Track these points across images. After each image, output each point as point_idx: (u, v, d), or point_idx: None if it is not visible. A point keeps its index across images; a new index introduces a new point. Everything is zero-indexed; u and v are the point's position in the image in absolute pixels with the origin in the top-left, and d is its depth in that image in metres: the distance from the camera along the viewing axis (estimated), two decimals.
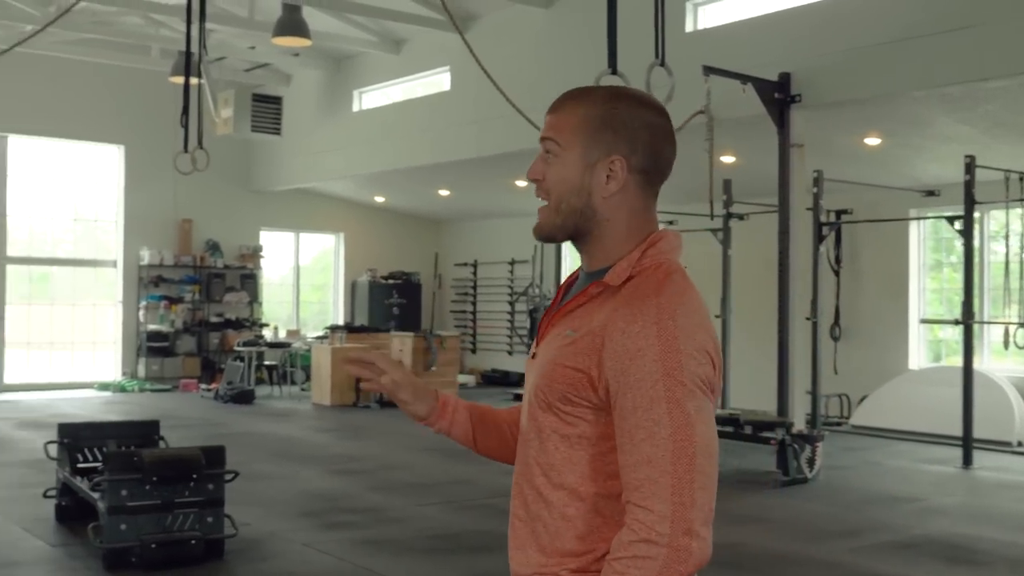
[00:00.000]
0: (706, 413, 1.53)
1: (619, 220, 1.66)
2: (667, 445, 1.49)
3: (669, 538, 1.46)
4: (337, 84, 15.28)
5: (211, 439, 10.37)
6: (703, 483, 1.50)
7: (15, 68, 14.21)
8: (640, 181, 1.66)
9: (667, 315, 1.54)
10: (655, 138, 1.65)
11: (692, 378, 1.52)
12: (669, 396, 1.51)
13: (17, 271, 15.29)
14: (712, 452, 1.52)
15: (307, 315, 18.16)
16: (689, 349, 1.53)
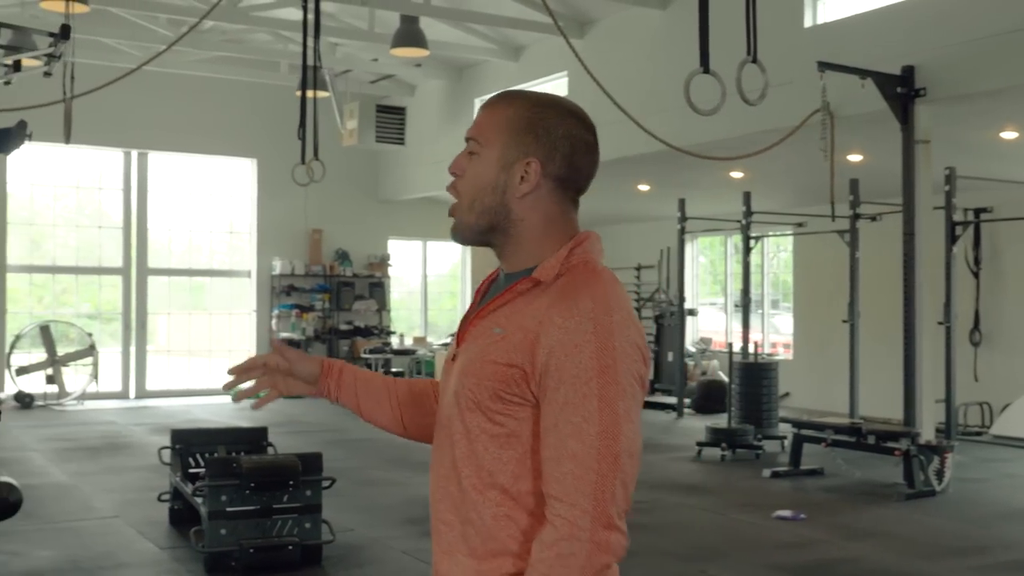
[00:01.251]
0: (634, 413, 1.58)
1: (533, 222, 1.69)
2: (593, 443, 1.53)
3: (590, 532, 1.52)
4: (459, 93, 15.40)
5: (329, 445, 10.58)
6: (624, 481, 1.55)
7: (154, 88, 14.85)
8: (554, 187, 1.70)
9: (602, 311, 1.57)
10: (575, 150, 1.70)
11: (626, 375, 1.56)
12: (601, 394, 1.54)
13: (157, 282, 15.93)
14: (635, 452, 1.57)
15: (439, 322, 18.33)
16: (623, 346, 1.57)
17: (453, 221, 1.76)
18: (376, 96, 16.15)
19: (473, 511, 1.63)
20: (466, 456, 1.64)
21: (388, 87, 16.23)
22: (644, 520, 7.32)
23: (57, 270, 15.37)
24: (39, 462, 9.50)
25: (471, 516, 1.64)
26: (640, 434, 1.59)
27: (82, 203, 15.69)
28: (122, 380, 15.36)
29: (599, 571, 1.53)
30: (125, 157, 15.51)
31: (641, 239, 16.96)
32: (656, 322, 15.93)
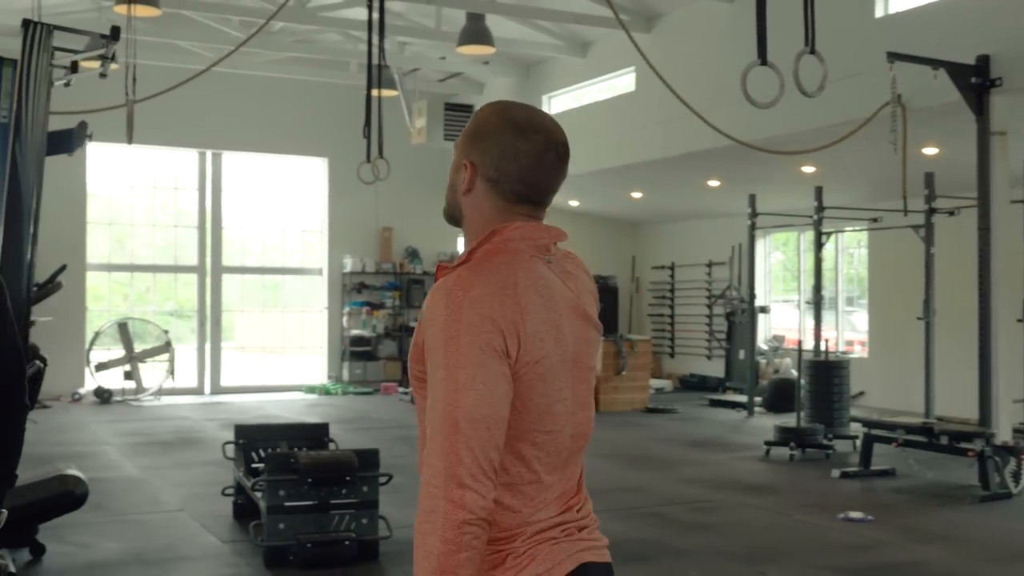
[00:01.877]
0: (480, 380, 1.69)
1: (473, 219, 1.88)
2: (440, 408, 1.69)
3: (444, 490, 1.66)
4: (527, 90, 15.37)
5: (395, 441, 10.65)
6: (468, 444, 1.67)
7: (228, 89, 15.11)
8: (488, 187, 1.86)
9: (459, 287, 1.72)
10: (503, 152, 1.84)
11: (470, 346, 1.68)
12: (446, 363, 1.69)
13: (231, 280, 16.21)
14: (480, 417, 1.68)
15: None
16: (471, 317, 1.69)
17: None
18: (445, 94, 16.21)
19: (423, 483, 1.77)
20: (420, 434, 1.86)
21: (456, 85, 16.28)
22: (705, 519, 7.23)
23: (135, 268, 15.73)
24: (113, 456, 9.72)
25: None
26: (492, 403, 1.68)
27: (159, 203, 16.03)
28: (197, 376, 15.66)
29: (458, 526, 1.66)
30: (200, 157, 15.81)
31: (713, 235, 16.76)
32: (727, 319, 15.74)
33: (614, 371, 13.95)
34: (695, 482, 8.63)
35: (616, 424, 12.51)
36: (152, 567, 5.87)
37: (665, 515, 7.36)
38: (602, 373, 13.92)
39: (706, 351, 17.05)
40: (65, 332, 14.33)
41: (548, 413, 1.79)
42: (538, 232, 1.86)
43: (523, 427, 1.76)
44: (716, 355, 16.69)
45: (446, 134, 15.10)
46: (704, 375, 16.74)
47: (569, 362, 1.82)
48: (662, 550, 6.39)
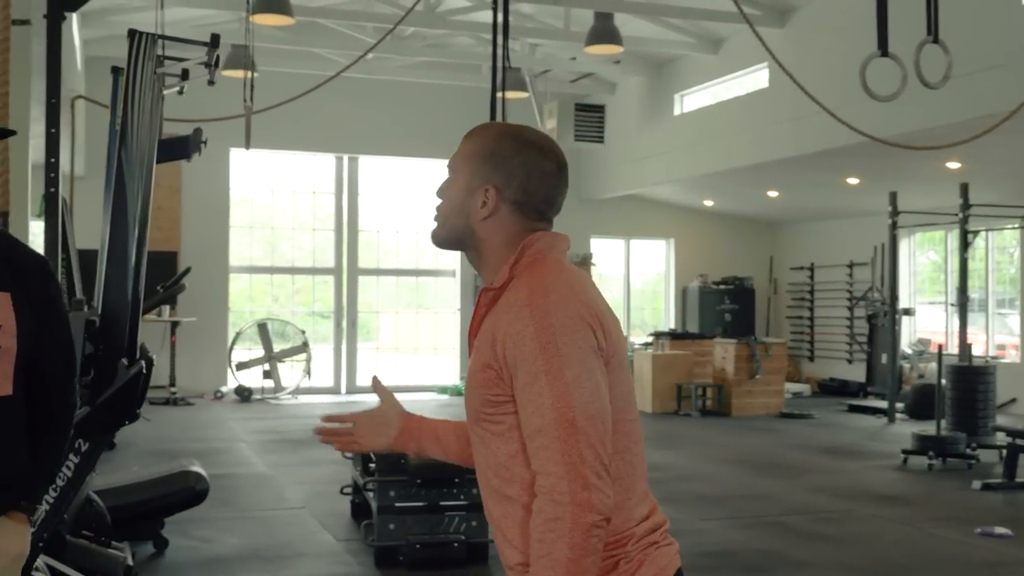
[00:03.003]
0: (585, 378, 1.70)
1: (496, 242, 1.88)
2: (550, 414, 1.68)
3: (570, 495, 1.65)
4: (658, 89, 15.17)
5: None
6: (589, 442, 1.67)
7: (363, 95, 15.42)
8: (512, 210, 1.88)
9: (538, 294, 1.75)
10: (529, 176, 1.87)
11: (569, 346, 1.70)
12: (547, 368, 1.69)
13: (367, 281, 16.53)
14: (594, 413, 1.69)
15: (641, 321, 18.14)
16: (562, 319, 1.72)
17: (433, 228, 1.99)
18: (577, 95, 16.14)
19: (508, 505, 1.81)
20: (486, 458, 1.85)
21: (588, 85, 16.19)
22: (830, 531, 6.95)
23: (275, 271, 16.21)
24: (246, 453, 10.02)
25: (507, 510, 1.82)
26: (600, 397, 1.70)
27: (299, 206, 16.48)
28: (334, 376, 16.03)
29: (587, 530, 1.65)
30: (337, 162, 16.18)
31: (854, 235, 16.20)
32: (868, 322, 15.17)
33: (747, 375, 13.62)
34: (824, 491, 8.32)
35: (747, 429, 12.20)
36: (268, 563, 6.00)
37: (789, 525, 7.10)
38: (734, 376, 13.62)
39: (847, 355, 16.48)
40: (209, 332, 14.89)
41: (628, 401, 1.82)
42: (559, 239, 1.91)
43: (615, 417, 1.76)
44: (857, 359, 16.12)
45: (576, 135, 15.02)
46: (844, 379, 16.18)
47: (624, 355, 1.86)
48: (781, 562, 6.17)
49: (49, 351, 2.50)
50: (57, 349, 2.52)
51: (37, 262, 2.55)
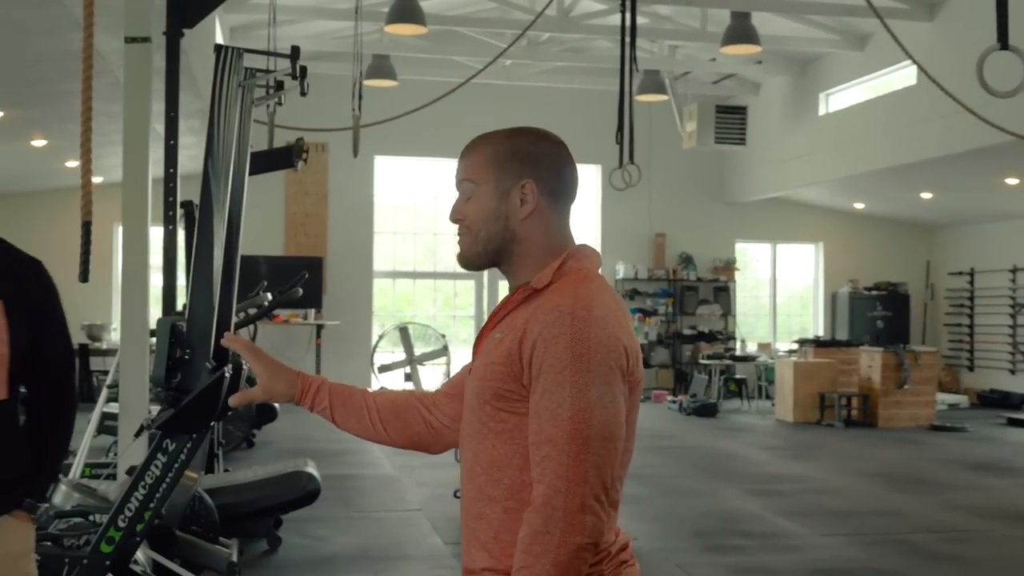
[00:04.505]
0: (609, 400, 1.67)
1: (536, 239, 1.84)
2: (566, 427, 1.64)
3: (564, 511, 1.61)
4: (803, 88, 14.73)
5: (649, 451, 10.51)
6: (597, 464, 1.64)
7: (501, 101, 15.53)
8: (550, 202, 1.85)
9: (582, 306, 1.70)
10: (556, 163, 1.86)
11: (600, 364, 1.66)
12: (575, 380, 1.65)
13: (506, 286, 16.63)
14: (609, 436, 1.66)
15: (787, 328, 17.64)
16: (600, 337, 1.68)
17: (459, 251, 1.95)
18: (720, 97, 15.84)
19: (487, 506, 1.77)
20: (477, 455, 1.80)
21: (731, 87, 15.87)
22: (959, 551, 6.58)
23: (417, 275, 16.51)
24: (376, 454, 10.22)
25: (484, 511, 1.77)
26: (619, 422, 1.68)
27: (441, 212, 16.72)
28: None
29: (574, 551, 1.61)
30: None
31: (1019, 238, 15.32)
32: None
33: (895, 384, 13.05)
34: (962, 509, 7.88)
35: (891, 441, 11.70)
36: (373, 564, 6.11)
37: (915, 544, 6.76)
38: (881, 386, 13.08)
39: (1009, 365, 15.59)
40: (353, 336, 15.30)
41: (633, 432, 1.81)
42: (597, 256, 1.89)
43: (625, 445, 1.76)
44: (1020, 370, 15.24)
45: (717, 137, 14.73)
46: (1006, 391, 15.31)
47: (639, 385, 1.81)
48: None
49: (46, 353, 2.57)
50: (54, 351, 2.60)
51: (31, 266, 2.61)
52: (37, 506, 2.56)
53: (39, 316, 2.55)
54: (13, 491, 2.50)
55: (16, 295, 2.49)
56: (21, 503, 2.52)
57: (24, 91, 8.57)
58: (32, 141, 11.01)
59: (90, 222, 3.57)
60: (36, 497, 2.56)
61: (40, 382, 2.60)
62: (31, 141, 10.98)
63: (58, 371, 2.62)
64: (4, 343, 2.43)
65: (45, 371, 2.59)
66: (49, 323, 2.58)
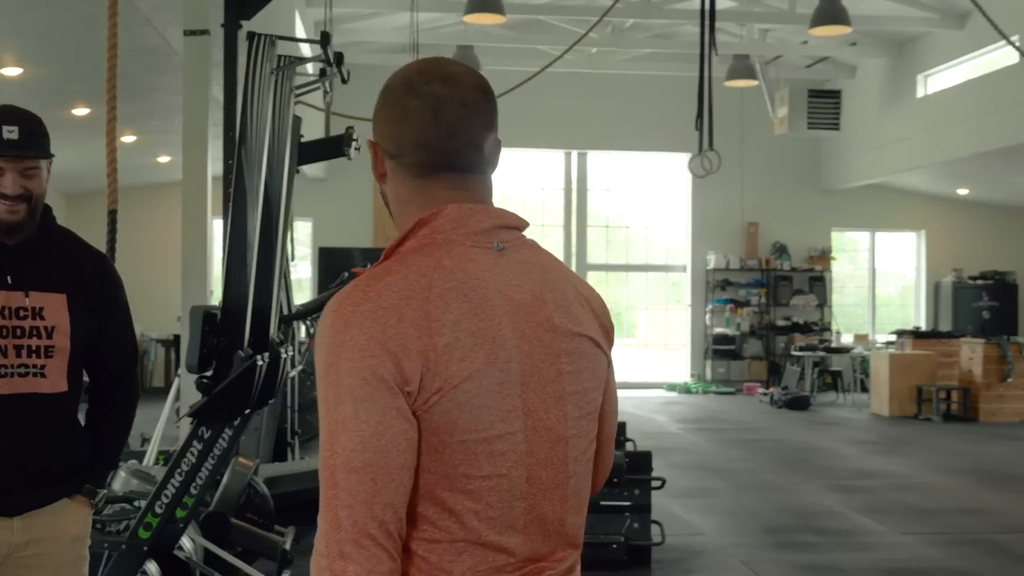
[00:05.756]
0: (362, 419, 1.32)
1: (393, 204, 1.53)
2: (321, 455, 1.34)
3: (328, 560, 1.31)
4: (901, 69, 14.19)
5: (733, 444, 10.29)
6: (348, 502, 1.31)
7: (589, 90, 15.41)
8: (395, 165, 1.50)
9: (349, 300, 1.37)
10: (395, 119, 1.48)
11: (351, 376, 1.33)
12: (325, 397, 1.35)
13: (594, 277, 16.50)
14: (361, 467, 1.31)
15: (888, 319, 17.07)
16: (357, 340, 1.34)
17: None
18: (814, 80, 15.38)
19: None
20: None
21: (826, 70, 15.40)
22: None
23: None
24: None
25: None
26: (378, 447, 1.30)
27: (528, 203, 16.65)
28: None
29: None
30: (566, 158, 16.23)
31: None
32: None
33: (998, 378, 12.49)
34: None
35: (991, 437, 11.20)
36: None
37: (1001, 544, 6.43)
38: (982, 379, 12.54)
39: None
40: None
41: (483, 453, 1.37)
42: (477, 216, 1.46)
43: (446, 470, 1.36)
44: None
45: (810, 122, 14.30)
46: None
47: (516, 384, 1.39)
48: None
49: (109, 345, 2.63)
50: (116, 343, 2.66)
51: (95, 260, 2.67)
52: (96, 491, 2.64)
53: (102, 310, 2.60)
54: (72, 479, 2.59)
55: (79, 289, 2.55)
56: (81, 488, 2.61)
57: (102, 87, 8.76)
58: (122, 137, 11.30)
59: (115, 211, 3.59)
60: (95, 483, 2.65)
61: (103, 373, 2.68)
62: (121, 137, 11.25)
63: (120, 363, 2.69)
64: (65, 336, 2.50)
65: (108, 363, 2.67)
66: (112, 317, 2.64)
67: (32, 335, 2.47)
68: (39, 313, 2.47)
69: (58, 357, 2.50)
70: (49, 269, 2.52)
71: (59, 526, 2.57)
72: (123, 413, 2.73)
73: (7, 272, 2.47)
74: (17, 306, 2.46)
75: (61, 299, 2.51)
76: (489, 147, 1.51)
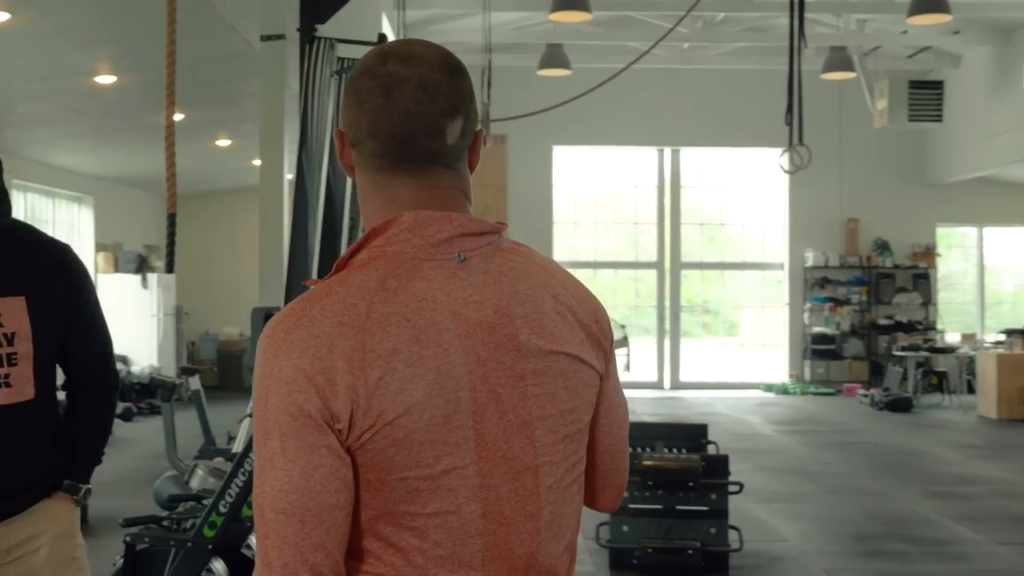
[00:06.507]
0: (289, 457, 1.23)
1: (360, 205, 1.40)
2: (253, 491, 1.27)
3: None
4: (1008, 58, 13.61)
5: (827, 447, 10.02)
6: (277, 543, 1.23)
7: (682, 86, 15.20)
8: (358, 156, 1.37)
9: (281, 326, 1.27)
10: (350, 105, 1.36)
11: (277, 410, 1.24)
12: (256, 430, 1.26)
13: (689, 275, 16.26)
14: (284, 507, 1.23)
15: (999, 317, 16.38)
16: (284, 371, 1.24)
17: None
18: (916, 71, 14.86)
19: None
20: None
21: (928, 60, 14.86)
22: None
23: (598, 265, 16.33)
24: None
25: None
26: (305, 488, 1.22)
27: (620, 201, 16.50)
28: (657, 371, 15.90)
29: None
30: (658, 155, 16.03)
31: None
32: None
33: None
34: None
35: None
36: None
37: None
38: None
39: None
40: None
41: (427, 489, 1.27)
42: (435, 225, 1.32)
43: (387, 507, 1.27)
44: None
45: (911, 114, 13.83)
46: None
47: (468, 414, 1.29)
48: None
49: (77, 338, 2.54)
50: (84, 335, 2.56)
51: (55, 254, 2.52)
52: (78, 487, 2.57)
53: (67, 306, 2.50)
54: (46, 481, 2.53)
55: (39, 289, 2.44)
56: (61, 486, 2.55)
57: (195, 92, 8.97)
58: (217, 141, 11.56)
59: (175, 214, 3.63)
60: (76, 478, 2.57)
61: (73, 367, 2.60)
62: (216, 141, 11.53)
63: (90, 355, 2.60)
64: (27, 340, 2.40)
65: (77, 356, 2.58)
66: (77, 310, 2.53)
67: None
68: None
69: (22, 364, 2.40)
70: (4, 271, 2.40)
71: (39, 526, 2.50)
72: (99, 405, 2.65)
73: None
74: None
75: (19, 302, 2.40)
76: (455, 135, 1.35)
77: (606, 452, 1.57)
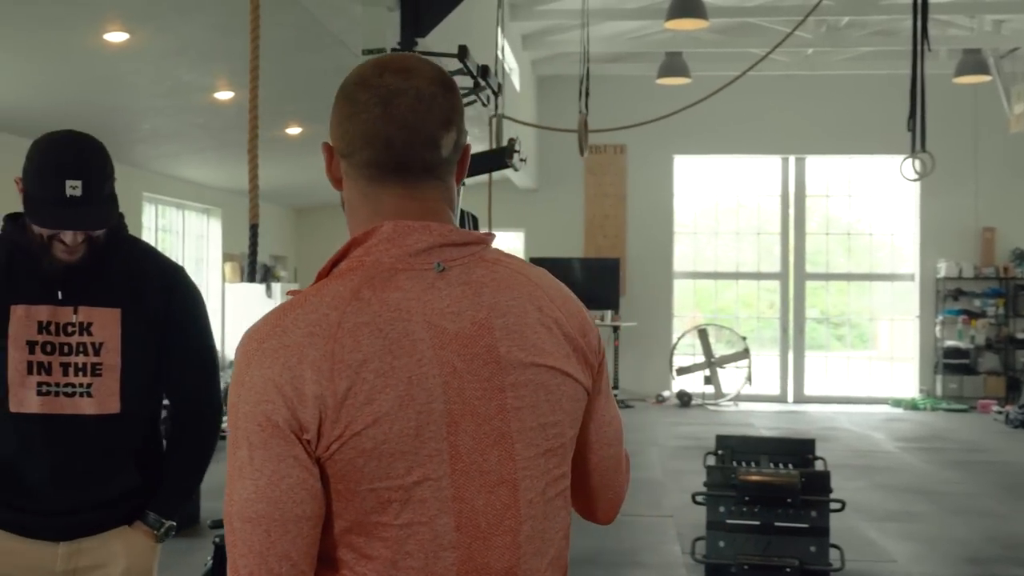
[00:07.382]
0: (256, 467, 1.25)
1: (347, 217, 1.43)
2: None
3: None
4: None
5: (950, 464, 9.64)
6: (243, 551, 1.26)
7: (807, 93, 14.85)
8: (347, 167, 1.40)
9: (255, 336, 1.30)
10: (343, 114, 1.38)
11: (247, 420, 1.27)
12: (228, 438, 1.30)
13: (813, 286, 15.84)
14: (251, 516, 1.25)
15: None
16: (254, 381, 1.27)
17: None
18: None
19: None
20: None
21: None
22: None
23: (718, 276, 16.06)
24: (653, 457, 10.05)
25: None
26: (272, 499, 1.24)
27: (743, 211, 16.21)
28: (780, 384, 15.54)
29: None
30: (783, 164, 15.68)
31: None
32: None
33: None
34: None
35: None
36: (598, 569, 5.98)
37: None
38: None
39: None
40: (652, 337, 15.16)
41: (398, 500, 1.27)
42: (415, 235, 1.34)
43: (358, 518, 1.28)
44: None
45: None
46: None
47: (441, 425, 1.28)
48: None
49: (178, 364, 2.45)
50: (184, 362, 2.47)
51: (163, 273, 2.46)
52: (162, 522, 2.44)
53: (165, 325, 2.41)
54: (124, 505, 2.41)
55: (138, 304, 2.37)
56: (144, 517, 2.43)
57: (310, 106, 9.21)
58: None
59: (257, 224, 3.73)
60: (161, 511, 2.44)
61: (175, 396, 2.51)
62: None
63: (191, 385, 2.50)
64: (116, 353, 2.33)
65: (179, 383, 2.49)
66: (178, 333, 2.44)
67: (79, 352, 2.31)
68: (87, 328, 2.31)
69: (107, 375, 2.32)
70: (105, 282, 2.35)
71: (110, 556, 2.37)
72: (193, 438, 2.50)
73: (58, 287, 2.32)
74: (64, 322, 2.30)
75: (114, 314, 2.33)
76: (448, 147, 1.38)
77: (596, 468, 1.56)
